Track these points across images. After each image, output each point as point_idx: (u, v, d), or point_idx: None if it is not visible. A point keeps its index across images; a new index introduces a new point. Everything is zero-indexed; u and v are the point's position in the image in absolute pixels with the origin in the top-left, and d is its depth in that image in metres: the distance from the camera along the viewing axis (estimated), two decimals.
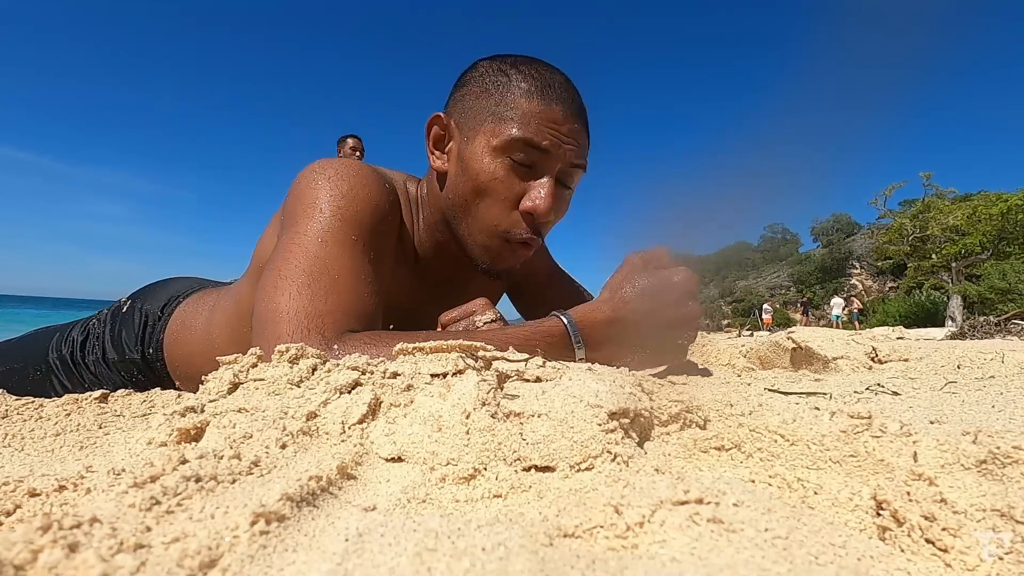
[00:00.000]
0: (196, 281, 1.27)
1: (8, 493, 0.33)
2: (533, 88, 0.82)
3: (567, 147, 0.84)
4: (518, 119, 0.81)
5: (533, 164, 0.83)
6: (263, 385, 0.51)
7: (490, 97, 0.84)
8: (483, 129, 0.84)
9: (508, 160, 0.83)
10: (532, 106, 0.82)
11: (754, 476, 0.40)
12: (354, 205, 0.80)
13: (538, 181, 0.84)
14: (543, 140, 0.82)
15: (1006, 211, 15.03)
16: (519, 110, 0.82)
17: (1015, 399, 0.66)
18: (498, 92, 0.84)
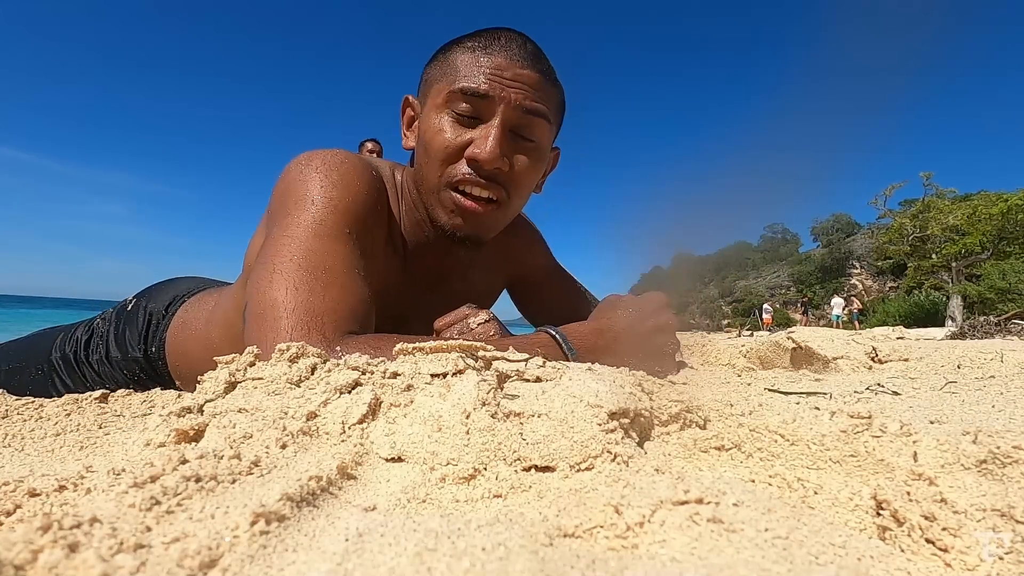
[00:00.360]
0: (201, 281, 1.27)
1: (8, 493, 0.33)
2: (476, 45, 0.83)
3: (512, 90, 0.81)
4: (458, 73, 0.82)
5: (478, 114, 0.82)
6: (262, 384, 0.50)
7: (438, 64, 0.85)
8: (431, 93, 0.85)
9: (452, 113, 0.82)
10: (471, 58, 0.82)
11: (754, 476, 0.40)
12: (346, 196, 0.80)
13: (482, 127, 0.82)
14: (481, 85, 0.80)
15: (1006, 211, 15.02)
16: (460, 65, 0.82)
17: (1015, 399, 0.66)
18: (444, 57, 0.85)
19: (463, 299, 0.88)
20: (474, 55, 0.82)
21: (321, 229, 0.75)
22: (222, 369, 0.53)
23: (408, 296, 0.98)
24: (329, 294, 0.69)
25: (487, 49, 0.82)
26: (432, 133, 0.83)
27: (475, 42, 0.83)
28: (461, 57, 0.83)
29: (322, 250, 0.73)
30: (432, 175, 0.85)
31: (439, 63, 0.86)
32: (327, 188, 0.79)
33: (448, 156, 0.83)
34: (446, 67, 0.84)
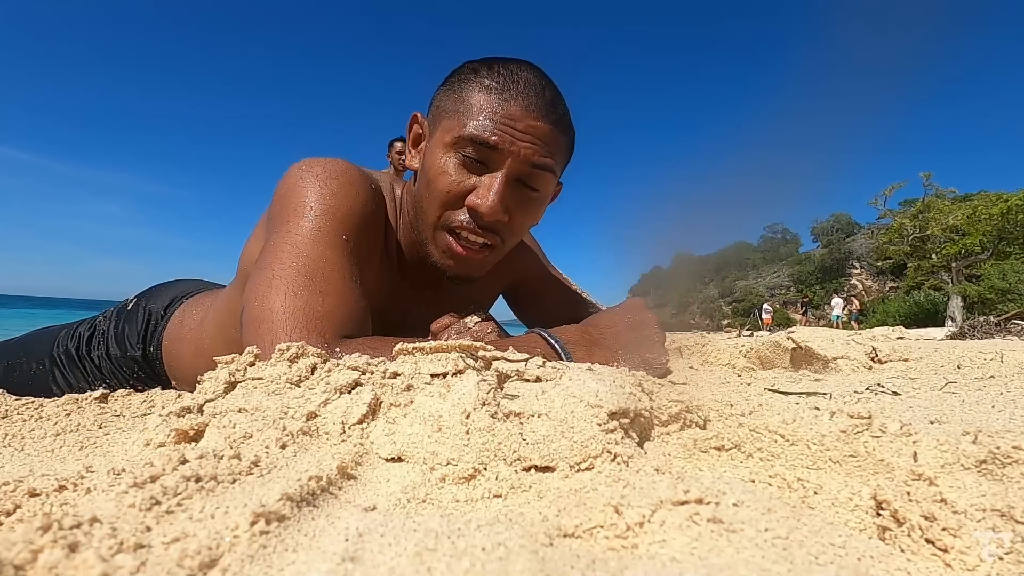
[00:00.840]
0: (201, 283, 1.28)
1: (8, 493, 0.33)
2: (493, 84, 0.80)
3: (522, 144, 0.80)
4: (471, 115, 0.80)
5: (485, 161, 0.81)
6: (261, 384, 0.50)
7: (453, 94, 0.83)
8: (441, 125, 0.83)
9: (460, 156, 0.81)
10: (487, 102, 0.80)
11: (754, 476, 0.40)
12: (344, 204, 0.80)
13: (487, 177, 0.81)
14: (492, 136, 0.78)
15: (1006, 211, 15.01)
16: (474, 106, 0.80)
17: (1015, 399, 0.66)
18: (460, 89, 0.82)
19: (458, 306, 0.89)
20: (489, 99, 0.79)
21: (319, 236, 0.75)
22: (222, 369, 0.53)
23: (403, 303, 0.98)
24: (327, 299, 0.70)
25: (503, 94, 0.79)
26: (436, 172, 0.82)
27: (493, 80, 0.80)
28: (476, 97, 0.80)
29: (319, 256, 0.73)
30: (431, 213, 0.84)
31: (453, 94, 0.83)
32: (326, 196, 0.79)
33: (449, 200, 0.82)
34: (460, 103, 0.81)
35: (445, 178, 0.81)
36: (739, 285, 43.12)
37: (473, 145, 0.79)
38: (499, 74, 0.81)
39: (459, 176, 0.81)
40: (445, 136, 0.81)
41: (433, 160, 0.83)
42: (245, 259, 0.96)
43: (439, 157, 0.82)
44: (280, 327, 0.65)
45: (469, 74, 0.83)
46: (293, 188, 0.81)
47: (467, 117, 0.80)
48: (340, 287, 0.72)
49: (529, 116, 0.80)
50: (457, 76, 0.85)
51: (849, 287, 29.96)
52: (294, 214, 0.78)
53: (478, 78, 0.81)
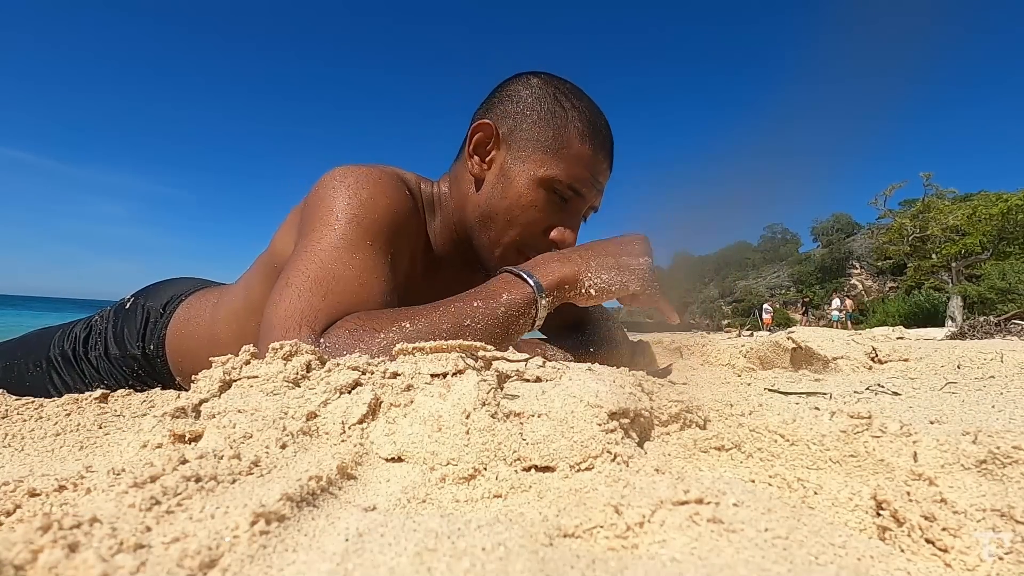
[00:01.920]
0: (199, 281, 1.28)
1: (8, 493, 0.33)
2: (586, 131, 0.88)
3: (597, 193, 0.92)
4: (568, 160, 0.87)
5: (569, 201, 0.89)
6: (257, 383, 0.51)
7: (546, 127, 0.88)
8: (534, 157, 0.88)
9: (552, 194, 0.88)
10: (583, 150, 0.87)
11: (754, 476, 0.40)
12: (372, 213, 0.80)
13: (568, 215, 0.90)
14: (583, 187, 0.88)
15: (1006, 211, 15.01)
16: (571, 151, 0.87)
17: (1015, 399, 0.66)
18: (554, 125, 0.88)
19: None
20: (584, 147, 0.87)
21: (341, 243, 0.76)
22: (216, 368, 0.53)
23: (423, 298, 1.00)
24: (330, 296, 0.71)
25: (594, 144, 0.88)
26: (527, 202, 0.88)
27: (584, 126, 0.88)
28: (574, 143, 0.87)
29: (337, 261, 0.74)
30: (510, 234, 0.90)
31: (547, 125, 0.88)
32: (353, 206, 0.80)
33: (535, 232, 0.89)
34: (556, 140, 0.87)
35: (535, 212, 0.88)
36: (739, 285, 43.10)
37: (569, 190, 0.88)
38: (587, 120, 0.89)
39: (548, 214, 0.89)
40: (539, 169, 0.87)
41: (524, 189, 0.88)
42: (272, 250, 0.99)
43: (530, 188, 0.88)
44: (278, 328, 0.67)
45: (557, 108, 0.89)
46: (324, 197, 0.82)
47: (566, 161, 0.87)
48: (348, 285, 0.73)
49: (607, 170, 0.93)
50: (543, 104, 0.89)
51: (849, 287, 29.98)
52: (320, 223, 0.79)
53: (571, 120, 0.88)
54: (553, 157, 0.87)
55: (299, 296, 0.70)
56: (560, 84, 0.92)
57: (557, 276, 0.75)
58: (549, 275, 0.75)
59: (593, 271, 0.76)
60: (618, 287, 0.76)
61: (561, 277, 0.75)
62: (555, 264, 0.77)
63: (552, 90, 0.90)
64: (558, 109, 0.88)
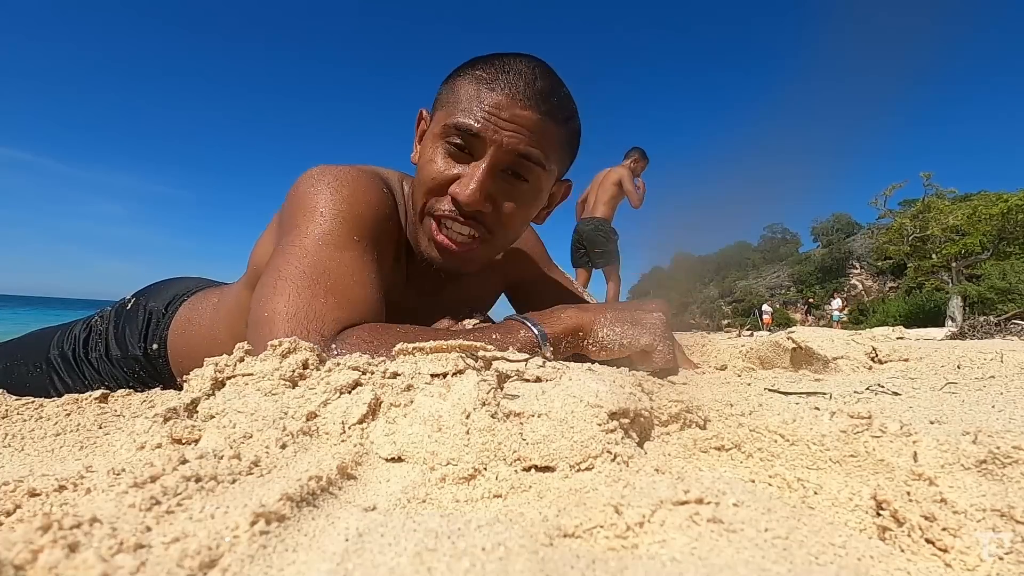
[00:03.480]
0: (201, 281, 1.28)
1: (8, 493, 0.33)
2: (484, 75, 0.81)
3: (505, 133, 0.79)
4: (459, 105, 0.81)
5: (470, 150, 0.81)
6: (252, 380, 0.50)
7: (448, 87, 0.85)
8: (436, 116, 0.85)
9: (446, 145, 0.82)
10: (475, 91, 0.80)
11: (754, 476, 0.40)
12: (355, 209, 0.80)
13: (471, 165, 0.81)
14: (475, 123, 0.79)
15: (1006, 211, 15.00)
16: (460, 96, 0.81)
17: (1015, 399, 0.66)
18: (453, 81, 0.84)
19: (461, 304, 0.89)
20: (477, 88, 0.80)
21: (328, 238, 0.76)
22: (208, 366, 0.53)
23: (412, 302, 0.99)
24: (330, 298, 0.70)
25: (491, 84, 0.80)
26: (424, 161, 0.84)
27: (484, 71, 0.81)
28: (466, 88, 0.81)
29: (327, 258, 0.74)
30: (418, 202, 0.86)
31: (448, 87, 0.85)
32: (336, 202, 0.80)
33: (434, 187, 0.83)
34: (451, 94, 0.83)
35: (431, 166, 0.82)
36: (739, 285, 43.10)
37: (458, 133, 0.80)
38: (492, 65, 0.82)
39: (445, 165, 0.82)
40: (436, 127, 0.83)
41: (423, 151, 0.85)
42: (255, 258, 0.98)
43: (428, 148, 0.84)
44: (280, 327, 0.66)
45: (466, 67, 0.84)
46: (304, 194, 0.81)
47: (455, 107, 0.81)
48: (344, 286, 0.72)
49: (516, 105, 0.79)
50: (456, 70, 0.86)
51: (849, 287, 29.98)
52: (304, 219, 0.78)
53: (472, 70, 0.83)
54: (445, 109, 0.83)
55: (297, 294, 0.69)
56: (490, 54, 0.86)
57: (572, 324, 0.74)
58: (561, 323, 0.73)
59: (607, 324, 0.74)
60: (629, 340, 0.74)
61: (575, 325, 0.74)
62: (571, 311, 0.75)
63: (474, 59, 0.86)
64: (465, 69, 0.84)
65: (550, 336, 0.71)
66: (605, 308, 0.77)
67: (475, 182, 0.79)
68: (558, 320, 0.74)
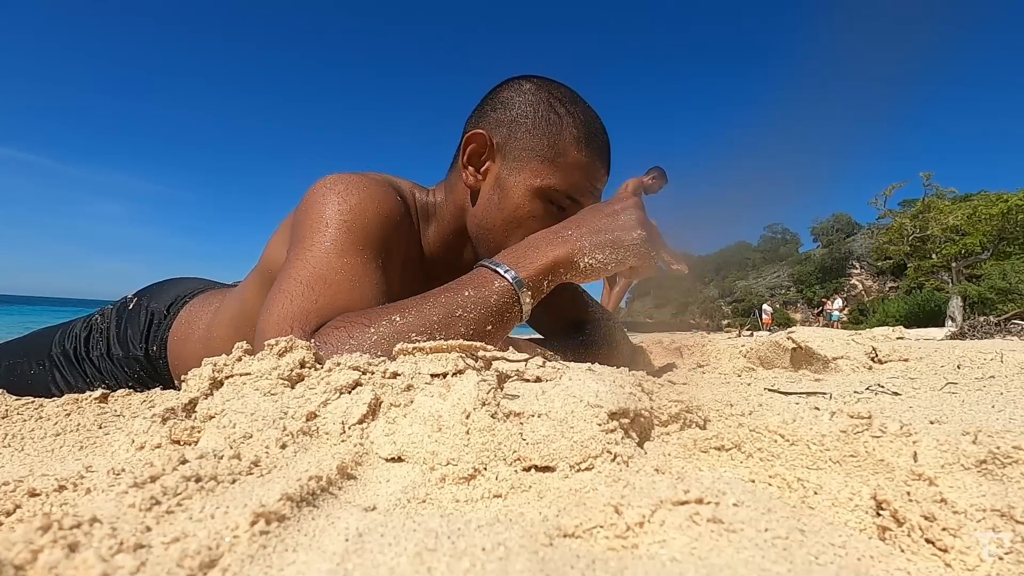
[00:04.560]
0: (203, 282, 1.28)
1: (8, 493, 0.33)
2: (582, 138, 0.86)
3: (595, 200, 0.89)
4: (565, 168, 0.85)
5: (566, 209, 0.87)
6: (250, 380, 0.50)
7: (542, 136, 0.86)
8: (530, 167, 0.86)
9: (548, 203, 0.86)
10: (579, 158, 0.86)
11: (754, 476, 0.40)
12: (362, 218, 0.80)
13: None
14: (581, 196, 0.87)
15: (1006, 211, 15.00)
16: (568, 159, 0.85)
17: (1015, 399, 0.66)
18: (550, 133, 0.86)
19: None
20: (580, 155, 0.85)
21: (331, 247, 0.76)
22: (206, 366, 0.53)
23: None
24: (321, 299, 0.71)
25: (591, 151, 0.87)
26: (525, 213, 0.86)
27: (579, 131, 0.86)
28: (570, 151, 0.85)
29: (327, 266, 0.75)
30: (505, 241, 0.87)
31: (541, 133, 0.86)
32: (343, 212, 0.80)
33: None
34: (551, 148, 0.85)
35: (534, 223, 0.85)
36: (739, 285, 43.08)
37: (567, 199, 0.86)
38: (581, 124, 0.87)
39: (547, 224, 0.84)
40: (536, 179, 0.85)
41: (521, 200, 0.86)
42: (266, 257, 0.98)
43: (527, 199, 0.86)
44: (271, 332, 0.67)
45: (551, 115, 0.87)
46: (313, 205, 0.82)
47: (562, 170, 0.85)
48: (340, 287, 0.73)
49: (604, 176, 0.91)
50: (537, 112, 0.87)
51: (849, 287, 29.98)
52: (311, 230, 0.79)
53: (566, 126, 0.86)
54: (549, 166, 0.85)
55: (291, 300, 0.71)
56: (553, 89, 0.90)
57: (550, 259, 0.73)
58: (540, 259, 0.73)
59: (588, 251, 0.74)
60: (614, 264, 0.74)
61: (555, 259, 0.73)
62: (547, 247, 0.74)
63: (546, 95, 0.89)
64: (553, 116, 0.87)
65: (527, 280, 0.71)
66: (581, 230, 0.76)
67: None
68: (533, 259, 0.73)
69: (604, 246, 0.74)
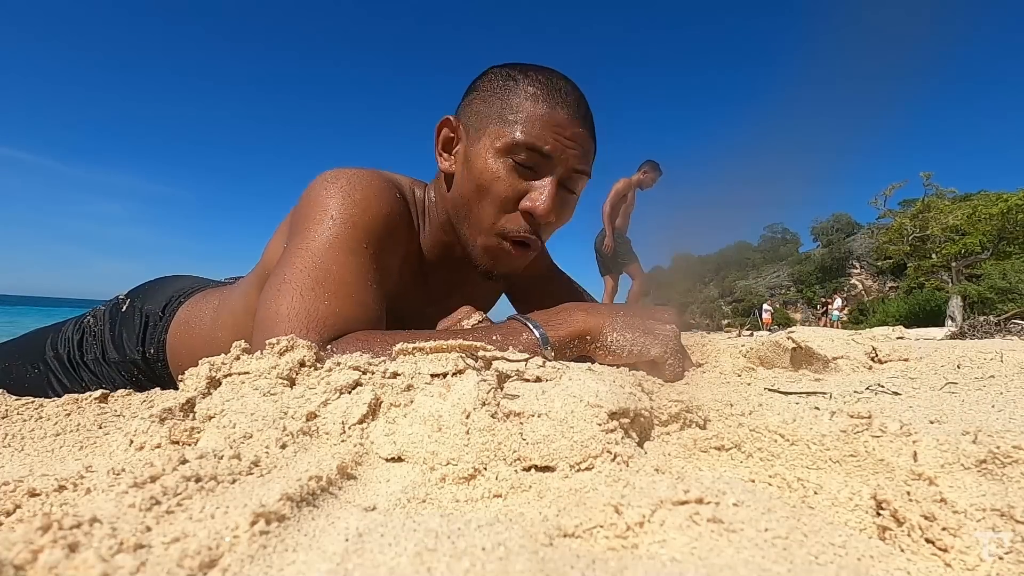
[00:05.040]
0: (195, 280, 1.26)
1: (8, 493, 0.33)
2: (539, 92, 0.83)
3: (570, 151, 0.84)
4: (522, 122, 0.82)
5: (535, 167, 0.84)
6: (248, 379, 0.50)
7: (497, 100, 0.85)
8: (488, 131, 0.85)
9: (510, 161, 0.83)
10: (537, 109, 0.83)
11: (754, 476, 0.40)
12: (366, 214, 0.80)
13: (539, 182, 0.85)
14: (545, 144, 0.82)
15: (1006, 211, 15.00)
16: (524, 113, 0.83)
17: (1015, 399, 0.66)
18: (504, 95, 0.85)
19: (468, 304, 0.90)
20: (538, 106, 0.82)
21: (336, 243, 0.76)
22: (203, 365, 0.53)
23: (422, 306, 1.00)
24: (333, 301, 0.71)
25: (550, 102, 0.83)
26: (489, 177, 0.84)
27: (537, 88, 0.83)
28: (526, 105, 0.83)
29: (333, 261, 0.74)
30: (485, 219, 0.87)
31: (496, 99, 0.85)
32: (347, 206, 0.80)
33: (505, 204, 0.85)
34: (505, 108, 0.84)
35: (500, 183, 0.84)
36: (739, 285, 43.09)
37: (527, 151, 0.82)
38: (540, 82, 0.84)
39: (513, 181, 0.84)
40: (495, 142, 0.83)
41: (483, 164, 0.84)
42: (266, 257, 0.98)
43: (489, 162, 0.84)
44: (281, 328, 0.66)
45: (508, 81, 0.85)
46: (316, 198, 0.82)
47: (519, 124, 0.82)
48: (349, 290, 0.73)
49: (575, 124, 0.84)
50: (494, 83, 0.86)
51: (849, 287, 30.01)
52: (313, 223, 0.79)
53: (521, 86, 0.84)
54: (506, 125, 0.83)
55: (300, 295, 0.70)
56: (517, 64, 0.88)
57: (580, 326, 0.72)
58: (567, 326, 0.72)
59: (618, 328, 0.73)
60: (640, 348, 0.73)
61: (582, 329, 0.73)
62: (580, 314, 0.74)
63: (506, 70, 0.87)
64: (508, 82, 0.85)
65: (554, 340, 0.71)
66: (616, 312, 0.76)
67: (550, 198, 0.84)
68: (563, 323, 0.73)
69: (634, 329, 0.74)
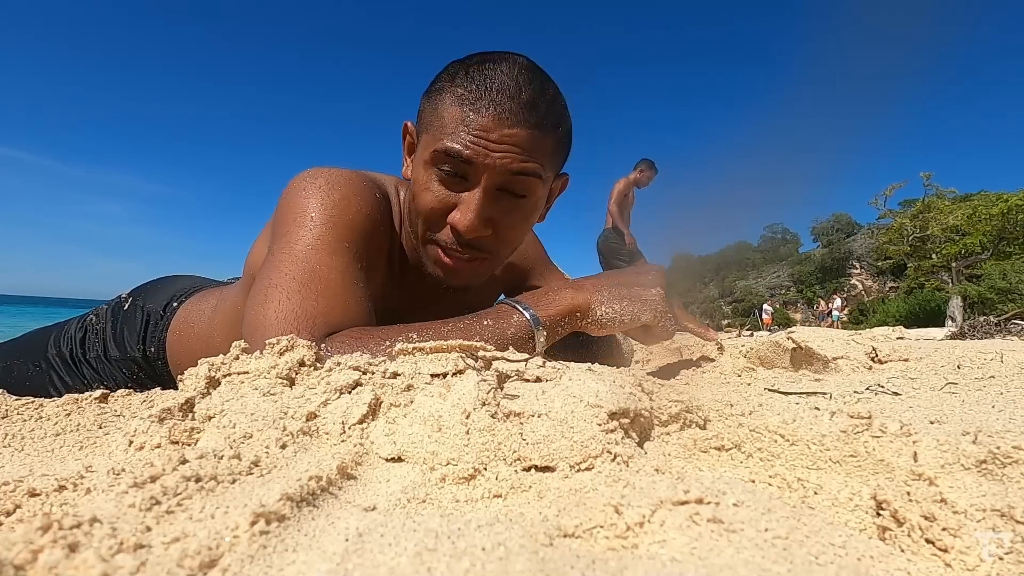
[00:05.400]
0: (197, 280, 1.27)
1: (8, 493, 0.33)
2: (465, 94, 0.77)
3: (496, 155, 0.77)
4: (445, 129, 0.78)
5: (465, 175, 0.79)
6: (248, 379, 0.50)
7: (432, 104, 0.81)
8: (424, 139, 0.82)
9: (439, 171, 0.79)
10: (458, 114, 0.77)
11: (754, 476, 0.40)
12: (346, 214, 0.80)
13: (467, 194, 0.79)
14: (465, 150, 0.76)
15: (1006, 211, 15.01)
16: (446, 119, 0.78)
17: (1015, 399, 0.66)
18: (438, 99, 0.80)
19: (458, 310, 0.89)
20: (462, 111, 0.77)
21: (319, 243, 0.75)
22: (203, 365, 0.53)
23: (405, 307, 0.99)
24: (321, 300, 0.70)
25: (475, 104, 0.76)
26: (419, 188, 0.81)
27: (465, 89, 0.77)
28: (450, 110, 0.78)
29: (319, 262, 0.74)
30: (418, 228, 0.84)
31: (431, 105, 0.81)
32: (327, 206, 0.79)
33: (432, 216, 0.81)
34: (436, 116, 0.80)
35: (427, 195, 0.80)
36: (739, 285, 43.08)
37: (449, 160, 0.77)
38: (473, 80, 0.78)
39: (440, 193, 0.80)
40: (425, 152, 0.80)
41: (416, 175, 0.82)
42: (251, 262, 0.97)
43: (421, 173, 0.81)
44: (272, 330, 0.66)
45: (446, 82, 0.81)
46: (295, 199, 0.81)
47: (442, 132, 0.78)
48: (336, 290, 0.73)
49: (503, 125, 0.76)
50: (437, 84, 0.83)
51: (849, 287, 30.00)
52: (295, 224, 0.78)
53: (452, 87, 0.79)
54: (435, 134, 0.79)
55: (288, 298, 0.69)
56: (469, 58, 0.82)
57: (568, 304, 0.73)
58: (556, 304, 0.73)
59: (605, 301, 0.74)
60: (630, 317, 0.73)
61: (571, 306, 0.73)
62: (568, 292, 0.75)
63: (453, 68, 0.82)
64: (444, 84, 0.80)
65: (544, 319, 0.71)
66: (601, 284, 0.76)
67: (472, 212, 0.78)
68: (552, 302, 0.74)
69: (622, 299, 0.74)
